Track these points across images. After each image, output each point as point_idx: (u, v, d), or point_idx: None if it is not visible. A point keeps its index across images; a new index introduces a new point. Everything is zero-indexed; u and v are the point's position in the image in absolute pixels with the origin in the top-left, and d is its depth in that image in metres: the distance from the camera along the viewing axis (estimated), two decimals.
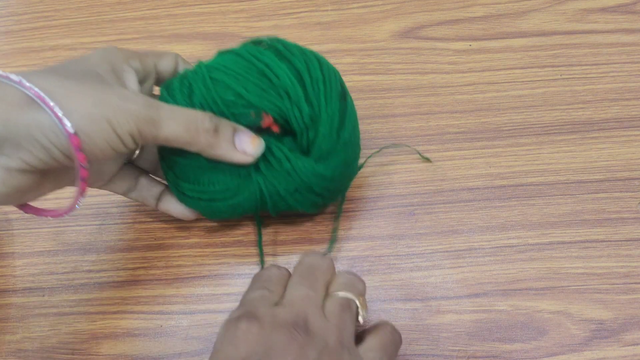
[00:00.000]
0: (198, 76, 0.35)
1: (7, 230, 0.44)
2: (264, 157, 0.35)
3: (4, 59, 0.51)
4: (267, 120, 0.35)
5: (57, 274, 0.42)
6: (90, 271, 0.42)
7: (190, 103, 0.35)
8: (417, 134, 0.45)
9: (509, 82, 0.47)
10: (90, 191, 0.44)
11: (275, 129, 0.35)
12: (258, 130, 0.35)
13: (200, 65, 0.36)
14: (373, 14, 0.51)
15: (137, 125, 0.31)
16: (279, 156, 0.35)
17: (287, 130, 0.36)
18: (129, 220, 0.43)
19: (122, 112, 0.30)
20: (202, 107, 0.34)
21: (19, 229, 0.43)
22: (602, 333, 0.38)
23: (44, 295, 0.41)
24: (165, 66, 0.38)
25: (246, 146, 0.34)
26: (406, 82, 0.48)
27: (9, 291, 0.41)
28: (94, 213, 0.44)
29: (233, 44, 0.55)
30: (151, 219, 0.43)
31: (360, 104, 0.47)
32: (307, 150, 0.36)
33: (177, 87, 0.36)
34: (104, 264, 0.42)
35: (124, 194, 0.39)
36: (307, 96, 0.35)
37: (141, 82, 0.36)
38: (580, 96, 0.46)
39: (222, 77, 0.35)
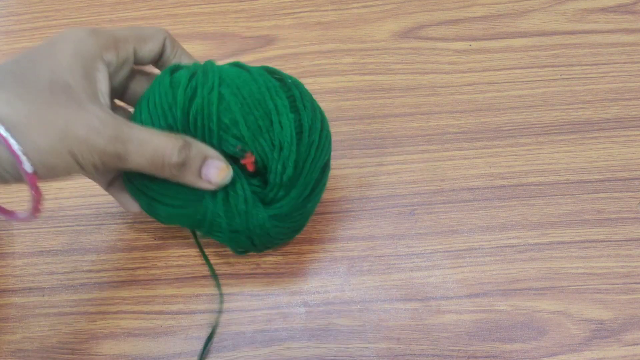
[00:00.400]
0: (208, 83, 0.33)
1: (7, 230, 0.44)
2: (224, 188, 0.34)
3: (4, 59, 0.51)
4: (247, 159, 0.33)
5: (57, 274, 0.42)
6: (90, 271, 0.42)
7: (188, 105, 0.33)
8: (417, 134, 0.45)
9: (509, 82, 0.47)
10: (91, 191, 0.44)
11: (251, 168, 0.34)
12: (233, 159, 0.34)
13: (213, 71, 0.34)
14: (373, 14, 0.51)
15: (102, 159, 0.30)
16: (239, 195, 0.34)
17: (259, 173, 0.35)
18: (129, 220, 0.43)
19: (87, 147, 0.29)
20: (195, 115, 0.33)
21: (19, 229, 0.43)
22: (602, 333, 0.38)
23: (44, 295, 0.41)
24: (149, 52, 0.35)
25: (212, 176, 0.33)
26: (406, 82, 0.48)
27: (9, 291, 0.41)
28: (94, 213, 0.44)
29: (233, 44, 0.55)
30: (151, 219, 0.43)
31: (360, 104, 0.47)
32: (268, 202, 0.35)
33: (182, 84, 0.33)
34: (104, 264, 0.42)
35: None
36: (298, 158, 0.34)
37: (115, 72, 0.34)
38: (580, 96, 0.46)
39: (230, 98, 0.33)
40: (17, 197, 0.43)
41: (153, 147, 0.31)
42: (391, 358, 0.38)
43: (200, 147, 0.33)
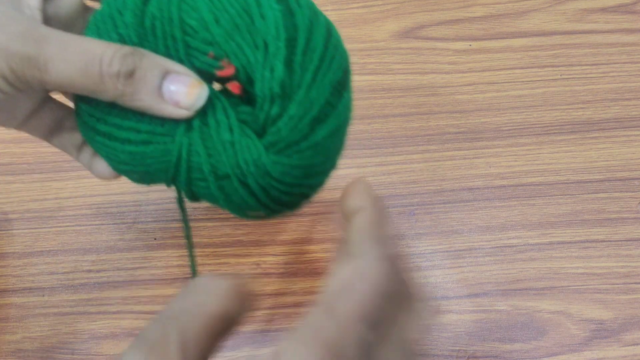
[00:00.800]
0: None
1: (7, 230, 0.44)
2: (202, 115, 0.25)
3: None
4: (226, 71, 0.25)
5: (57, 274, 0.42)
6: (90, 271, 0.42)
7: (141, 13, 0.25)
8: (417, 134, 0.45)
9: (509, 82, 0.47)
10: (91, 191, 0.44)
11: (235, 88, 0.26)
12: (210, 80, 0.26)
13: None
14: (373, 14, 0.51)
15: (9, 64, 0.23)
16: (221, 120, 0.25)
17: (249, 99, 0.26)
18: (129, 220, 0.43)
19: None
20: (153, 24, 0.25)
21: (19, 229, 0.43)
22: (602, 333, 0.38)
23: (44, 295, 0.41)
24: None
25: (180, 96, 0.24)
26: (406, 82, 0.48)
27: (9, 291, 0.41)
28: (94, 213, 0.44)
29: None
30: (151, 219, 0.43)
31: (360, 104, 0.47)
32: (261, 131, 0.26)
33: None
34: (104, 264, 0.42)
35: (45, 139, 0.31)
36: (289, 59, 0.25)
37: None
38: (580, 96, 0.46)
39: None
40: (17, 197, 0.43)
41: (83, 49, 0.23)
42: None
43: (157, 59, 0.25)
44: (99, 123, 0.26)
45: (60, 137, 0.30)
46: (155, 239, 0.43)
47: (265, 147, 0.25)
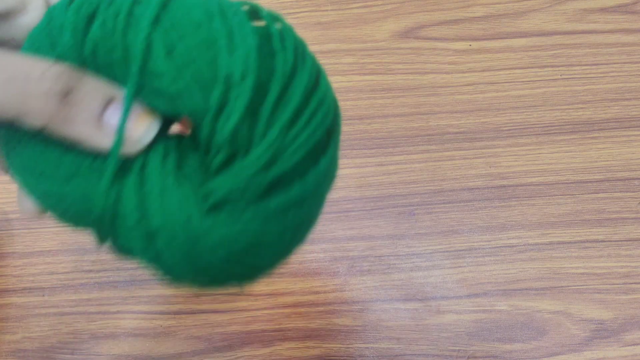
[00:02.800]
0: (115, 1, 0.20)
1: (7, 230, 0.44)
2: (144, 154, 0.20)
3: None
4: (182, 124, 0.22)
5: (57, 274, 0.42)
6: (90, 271, 0.42)
7: (82, 35, 0.20)
8: (417, 134, 0.45)
9: (509, 82, 0.47)
10: None
11: (185, 127, 0.22)
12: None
13: None
14: (373, 14, 0.51)
15: None
16: (158, 164, 0.20)
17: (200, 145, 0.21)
18: None
19: None
20: (94, 50, 0.20)
21: (19, 229, 0.43)
22: (602, 333, 0.38)
23: (44, 295, 0.41)
24: None
25: (127, 124, 0.20)
26: (406, 82, 0.48)
27: (9, 291, 0.41)
28: None
29: None
30: None
31: (360, 104, 0.47)
32: (202, 183, 0.21)
33: (76, 2, 0.21)
34: (104, 264, 0.42)
35: None
36: (253, 105, 0.20)
37: None
38: (580, 96, 0.46)
39: (146, 19, 0.20)
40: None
41: (12, 64, 0.19)
42: (391, 358, 0.38)
43: (100, 82, 0.20)
44: (12, 153, 0.21)
45: None
46: None
47: (203, 204, 0.20)
